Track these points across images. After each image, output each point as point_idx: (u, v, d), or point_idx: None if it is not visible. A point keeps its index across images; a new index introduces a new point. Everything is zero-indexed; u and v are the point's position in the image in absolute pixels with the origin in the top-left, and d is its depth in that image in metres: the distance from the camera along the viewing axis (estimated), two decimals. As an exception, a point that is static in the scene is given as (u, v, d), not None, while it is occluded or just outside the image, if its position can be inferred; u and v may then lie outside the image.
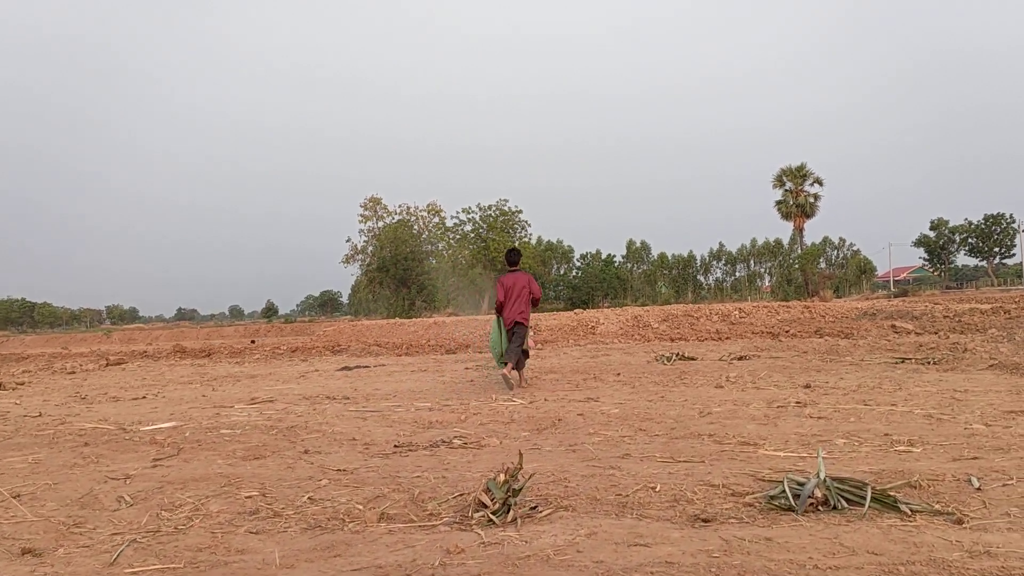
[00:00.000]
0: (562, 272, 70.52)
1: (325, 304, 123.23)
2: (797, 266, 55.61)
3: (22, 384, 11.69)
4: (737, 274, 75.73)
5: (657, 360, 10.94)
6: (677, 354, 10.92)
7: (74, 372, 14.40)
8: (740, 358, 10.82)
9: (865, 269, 69.21)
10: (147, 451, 5.19)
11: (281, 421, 6.50)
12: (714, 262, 76.08)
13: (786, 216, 54.86)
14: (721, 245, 75.12)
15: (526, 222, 55.34)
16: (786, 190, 54.34)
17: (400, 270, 58.69)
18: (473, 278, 57.64)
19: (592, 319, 25.31)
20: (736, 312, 25.27)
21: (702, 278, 76.56)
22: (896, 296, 49.06)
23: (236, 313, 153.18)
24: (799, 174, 53.70)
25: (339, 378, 10.96)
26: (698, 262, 75.54)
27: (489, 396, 7.91)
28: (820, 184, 53.48)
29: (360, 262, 65.11)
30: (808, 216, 54.38)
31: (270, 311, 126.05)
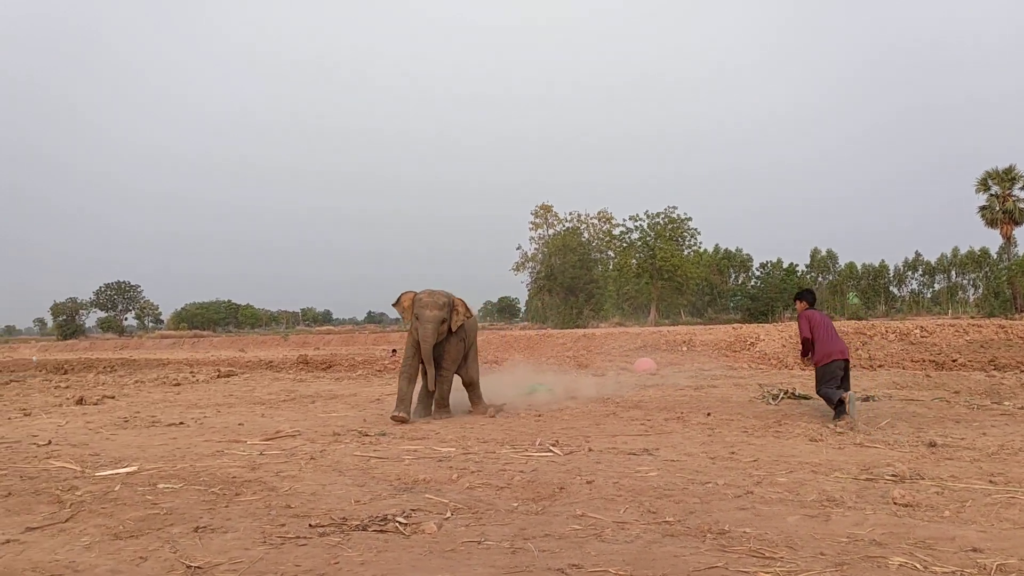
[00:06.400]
0: (740, 282, 67.44)
1: (504, 310, 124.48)
2: (1004, 278, 49.77)
3: (111, 398, 11.66)
4: (936, 286, 69.53)
5: (762, 398, 9.32)
6: (786, 392, 9.25)
7: (179, 384, 14.46)
8: (866, 398, 9.00)
9: (1095, 282, 61.36)
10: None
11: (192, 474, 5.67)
12: (909, 272, 70.25)
13: (991, 223, 49.09)
14: (918, 254, 69.33)
15: (696, 230, 52.86)
16: (991, 195, 48.70)
17: (568, 278, 57.97)
18: (640, 287, 56.00)
19: (752, 335, 23.28)
20: (917, 331, 22.40)
21: (895, 289, 70.88)
22: None
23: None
24: (1007, 177, 47.96)
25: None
26: (891, 272, 70.03)
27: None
28: (1033, 187, 47.52)
29: (530, 270, 65.25)
30: (1017, 223, 48.46)
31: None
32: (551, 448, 6.40)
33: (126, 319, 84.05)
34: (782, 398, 9.05)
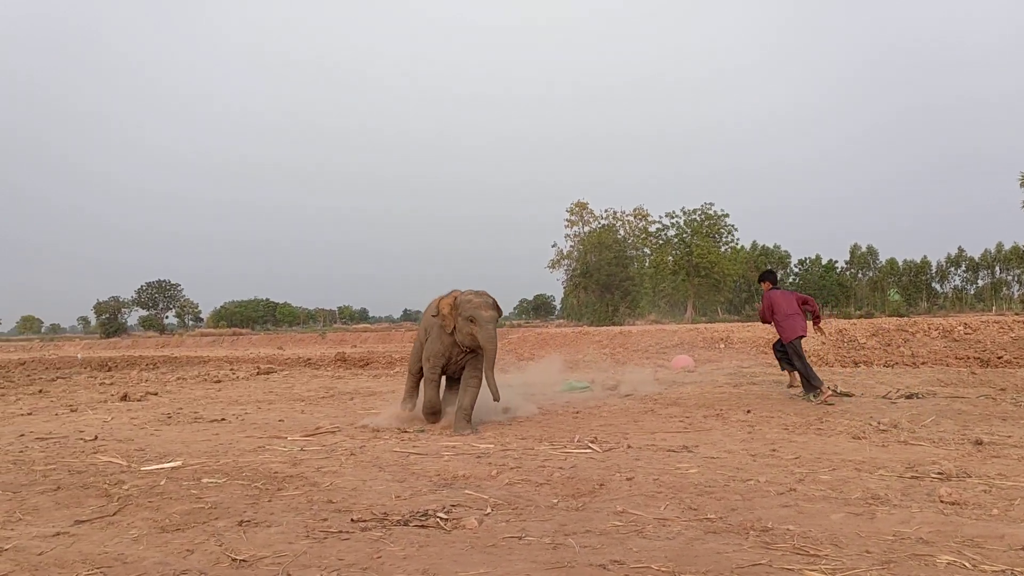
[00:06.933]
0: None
1: (539, 308, 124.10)
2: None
3: (154, 395, 11.88)
4: (979, 282, 68.21)
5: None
6: (831, 389, 9.14)
7: (220, 381, 14.66)
8: (910, 396, 8.86)
9: None
10: (91, 504, 4.57)
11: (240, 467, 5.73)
12: (952, 268, 68.97)
13: (1036, 217, 48.07)
14: (961, 250, 68.08)
15: (732, 227, 52.40)
16: (1036, 188, 47.60)
17: (604, 275, 57.64)
18: (676, 285, 55.64)
19: (790, 332, 22.99)
20: (960, 328, 21.98)
21: (938, 286, 69.65)
22: None
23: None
24: (1053, 170, 46.90)
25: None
26: (933, 268, 68.85)
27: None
28: (1080, 180, 46.35)
29: (566, 267, 64.98)
30: (1065, 217, 47.35)
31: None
32: (590, 445, 6.39)
33: (167, 317, 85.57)
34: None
